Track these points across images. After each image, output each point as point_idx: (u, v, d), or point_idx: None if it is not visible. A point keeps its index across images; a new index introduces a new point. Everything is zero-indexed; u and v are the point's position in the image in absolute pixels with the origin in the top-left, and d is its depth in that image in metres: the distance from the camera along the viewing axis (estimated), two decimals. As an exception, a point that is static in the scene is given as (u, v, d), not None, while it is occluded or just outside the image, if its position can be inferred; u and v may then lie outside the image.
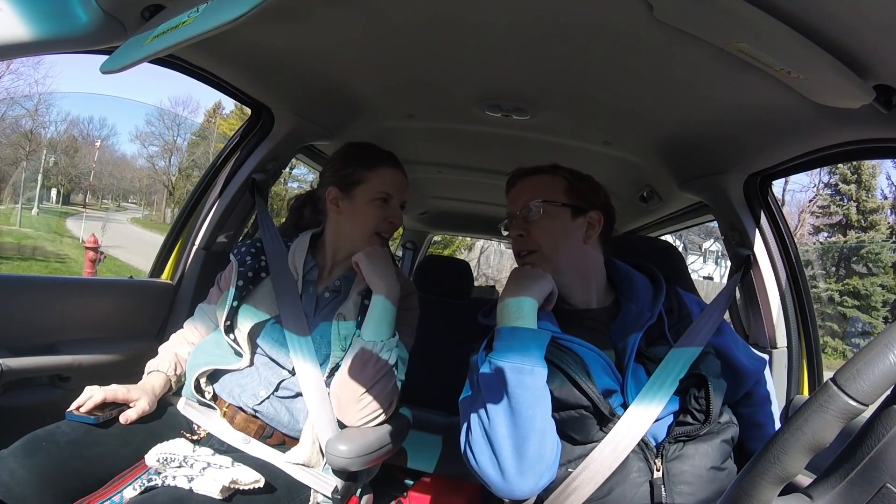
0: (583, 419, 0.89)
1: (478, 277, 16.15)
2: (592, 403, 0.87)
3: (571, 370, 0.88)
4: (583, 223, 1.02)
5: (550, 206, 1.01)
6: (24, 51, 0.70)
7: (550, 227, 1.00)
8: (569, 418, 0.90)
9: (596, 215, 1.03)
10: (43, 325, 1.20)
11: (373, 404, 1.04)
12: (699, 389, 0.88)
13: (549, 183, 1.04)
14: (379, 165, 1.17)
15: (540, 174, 1.06)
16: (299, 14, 0.97)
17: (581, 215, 1.02)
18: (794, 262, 1.32)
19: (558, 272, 0.98)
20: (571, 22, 0.89)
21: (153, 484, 0.90)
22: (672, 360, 0.91)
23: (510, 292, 0.93)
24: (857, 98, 0.80)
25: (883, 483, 0.42)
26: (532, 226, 1.02)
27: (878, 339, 0.44)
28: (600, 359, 0.92)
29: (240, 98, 1.40)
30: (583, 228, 1.02)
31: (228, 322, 1.12)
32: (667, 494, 0.84)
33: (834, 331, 13.91)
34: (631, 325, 0.95)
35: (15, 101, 16.83)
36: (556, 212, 1.01)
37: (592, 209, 1.03)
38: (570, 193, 1.03)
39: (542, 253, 1.00)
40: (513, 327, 0.88)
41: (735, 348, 1.04)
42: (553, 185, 1.04)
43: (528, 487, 0.82)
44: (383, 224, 1.16)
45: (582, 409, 0.89)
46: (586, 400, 0.88)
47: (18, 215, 15.40)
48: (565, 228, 1.01)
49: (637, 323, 0.95)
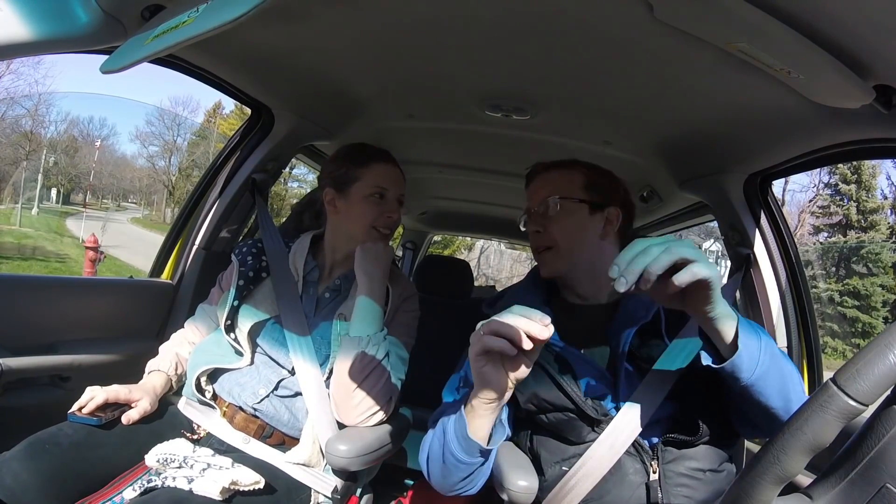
0: (571, 421, 0.89)
1: (478, 277, 16.16)
2: (576, 406, 0.88)
3: (555, 372, 0.89)
4: (601, 219, 1.02)
5: (568, 202, 1.00)
6: (24, 51, 0.70)
7: (568, 224, 1.00)
8: (557, 420, 0.90)
9: (614, 211, 1.03)
10: (43, 325, 1.20)
11: (367, 400, 1.04)
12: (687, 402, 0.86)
13: (567, 178, 1.03)
14: (371, 162, 1.17)
15: (559, 169, 1.05)
16: (299, 14, 0.97)
17: (599, 211, 1.01)
18: (794, 262, 1.32)
19: (573, 267, 0.98)
20: (572, 22, 0.88)
21: (153, 485, 0.90)
22: (668, 356, 0.89)
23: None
24: (857, 98, 0.80)
25: (883, 483, 0.42)
26: (549, 222, 1.01)
27: (878, 339, 0.44)
28: (587, 363, 0.91)
29: (240, 98, 1.40)
30: (600, 224, 1.01)
31: (229, 321, 1.12)
32: (663, 496, 0.84)
33: (834, 331, 13.91)
34: (625, 323, 0.94)
35: (15, 101, 16.85)
36: (574, 208, 1.00)
37: (611, 205, 1.02)
38: (589, 189, 1.02)
39: (558, 250, 1.00)
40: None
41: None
42: (571, 181, 1.03)
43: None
44: (381, 219, 1.17)
45: (568, 412, 0.89)
46: (570, 402, 0.88)
47: (18, 215, 15.42)
48: (582, 224, 1.00)
49: (630, 321, 0.93)
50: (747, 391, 0.73)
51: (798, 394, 0.77)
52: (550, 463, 0.92)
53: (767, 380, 0.72)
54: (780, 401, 0.75)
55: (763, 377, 0.71)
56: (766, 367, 0.71)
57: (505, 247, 17.70)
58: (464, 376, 1.00)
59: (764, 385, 0.72)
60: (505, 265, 20.17)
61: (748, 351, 0.70)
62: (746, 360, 0.70)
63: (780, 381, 0.74)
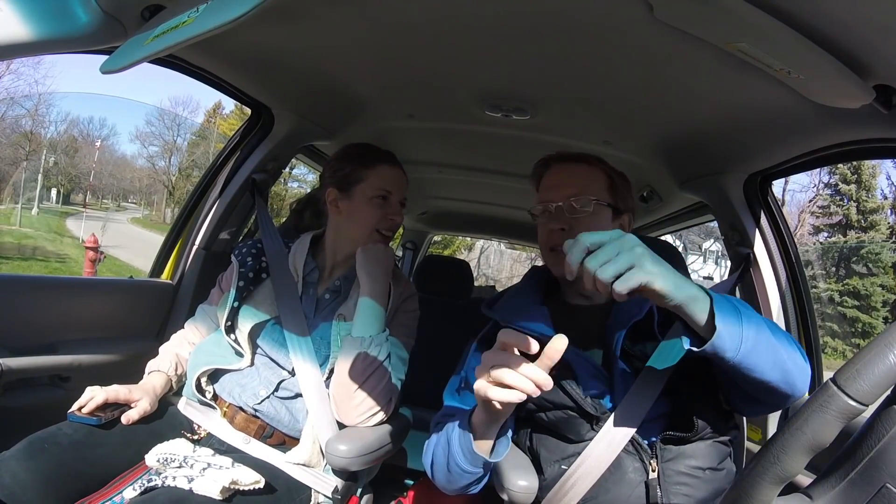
0: (571, 419, 0.90)
1: (478, 277, 16.16)
2: (576, 404, 0.88)
3: (557, 372, 0.88)
4: (618, 225, 1.01)
5: (598, 205, 0.98)
6: (24, 51, 0.70)
7: (596, 227, 0.94)
8: (557, 419, 0.91)
9: (628, 218, 1.02)
10: (43, 325, 1.20)
11: (368, 401, 1.04)
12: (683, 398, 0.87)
13: (594, 177, 1.01)
14: (376, 163, 1.17)
15: (585, 164, 1.02)
16: (299, 14, 0.97)
17: (618, 217, 1.01)
18: (794, 262, 1.32)
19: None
20: (572, 22, 0.89)
21: (153, 484, 0.90)
22: (661, 353, 0.89)
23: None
24: (857, 98, 0.80)
25: (883, 483, 0.42)
26: (577, 222, 0.96)
27: (878, 339, 0.44)
28: (586, 362, 0.91)
29: (240, 98, 1.40)
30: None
31: (229, 322, 1.12)
32: (663, 495, 0.84)
33: (834, 331, 13.91)
34: (619, 321, 0.93)
35: (15, 101, 16.85)
36: (602, 211, 0.99)
37: (627, 211, 1.02)
38: (612, 192, 1.00)
39: None
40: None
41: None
42: (598, 181, 1.00)
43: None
44: (384, 221, 1.17)
45: (568, 410, 0.89)
46: (570, 401, 0.88)
47: (18, 215, 15.42)
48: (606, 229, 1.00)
49: (623, 319, 0.92)
50: (738, 369, 0.71)
51: (797, 363, 0.76)
52: (550, 462, 0.92)
53: (757, 354, 0.70)
54: (777, 373, 0.73)
55: (751, 353, 0.70)
56: (753, 343, 0.69)
57: (505, 247, 17.72)
58: (464, 377, 1.00)
59: (755, 360, 0.71)
60: (505, 265, 20.17)
61: (728, 329, 0.68)
62: (728, 338, 0.68)
63: (773, 353, 0.72)
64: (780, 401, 0.80)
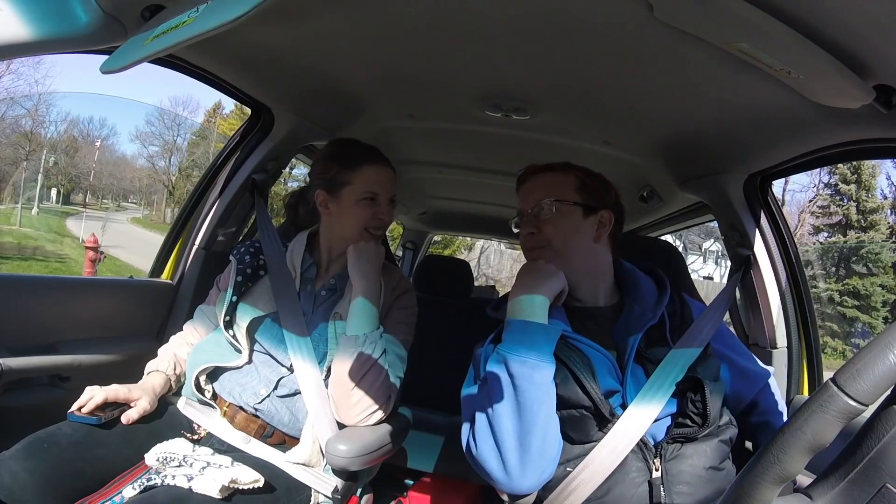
0: (582, 419, 0.89)
1: (478, 277, 16.14)
2: (594, 404, 0.88)
3: (577, 369, 0.88)
4: (594, 222, 1.02)
5: (562, 204, 1.01)
6: (24, 51, 0.69)
7: (562, 226, 1.00)
8: (569, 417, 0.90)
9: (607, 214, 1.03)
10: (43, 325, 1.20)
11: (366, 399, 1.04)
12: (696, 393, 0.88)
13: (561, 181, 1.04)
14: (362, 165, 1.16)
15: (552, 172, 1.05)
16: (299, 14, 0.97)
17: (592, 214, 1.02)
18: (794, 262, 1.32)
19: (568, 270, 0.98)
20: (572, 22, 0.89)
21: (153, 483, 0.90)
22: (671, 360, 0.91)
23: (523, 289, 0.93)
24: (857, 98, 0.80)
25: (883, 483, 0.42)
26: (543, 224, 1.01)
27: (878, 339, 0.44)
28: (606, 360, 0.92)
29: (240, 98, 1.40)
30: (594, 227, 1.02)
31: (228, 318, 1.12)
32: (665, 494, 0.84)
33: (834, 331, 13.90)
34: (633, 325, 0.95)
35: (15, 101, 16.84)
36: (568, 210, 1.01)
37: (603, 208, 1.03)
38: (582, 192, 1.02)
39: (552, 248, 1.00)
40: (524, 321, 0.88)
41: (740, 354, 1.05)
42: (565, 184, 1.03)
43: (530, 482, 0.84)
44: (373, 220, 1.17)
45: (583, 409, 0.89)
46: (588, 400, 0.88)
47: (18, 215, 15.39)
48: (576, 227, 1.01)
49: (638, 323, 0.95)
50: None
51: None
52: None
53: None
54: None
55: None
56: None
57: (505, 247, 17.69)
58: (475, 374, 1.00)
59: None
60: (505, 265, 20.15)
61: None
62: None
63: None
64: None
